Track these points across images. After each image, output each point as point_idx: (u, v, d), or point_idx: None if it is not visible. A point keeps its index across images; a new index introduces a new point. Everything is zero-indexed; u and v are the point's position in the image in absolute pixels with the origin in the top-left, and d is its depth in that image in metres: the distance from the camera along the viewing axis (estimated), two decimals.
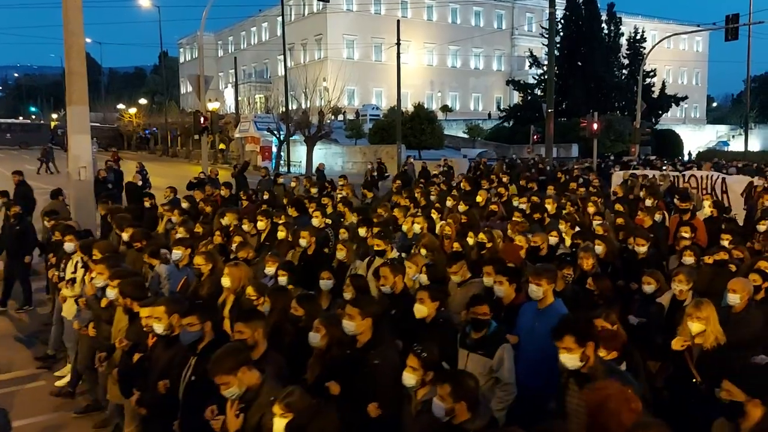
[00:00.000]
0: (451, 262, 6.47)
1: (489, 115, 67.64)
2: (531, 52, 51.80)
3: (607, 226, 8.78)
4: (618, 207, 10.63)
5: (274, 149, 41.83)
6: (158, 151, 63.50)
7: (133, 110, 69.26)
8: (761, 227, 8.88)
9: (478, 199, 11.75)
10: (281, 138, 40.10)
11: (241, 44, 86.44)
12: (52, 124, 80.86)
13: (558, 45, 46.30)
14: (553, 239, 8.20)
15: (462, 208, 10.57)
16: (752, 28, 37.30)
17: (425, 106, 46.64)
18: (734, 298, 5.48)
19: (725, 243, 7.81)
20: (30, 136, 66.93)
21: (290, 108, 40.78)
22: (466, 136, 52.64)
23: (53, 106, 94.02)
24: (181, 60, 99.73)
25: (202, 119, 22.40)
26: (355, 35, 69.50)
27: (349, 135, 45.65)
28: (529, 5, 78.60)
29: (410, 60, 66.89)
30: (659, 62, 57.34)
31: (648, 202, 10.81)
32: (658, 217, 9.91)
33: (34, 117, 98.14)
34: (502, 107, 62.65)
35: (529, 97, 50.78)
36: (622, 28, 53.23)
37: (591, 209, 10.26)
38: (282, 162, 41.13)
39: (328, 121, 40.28)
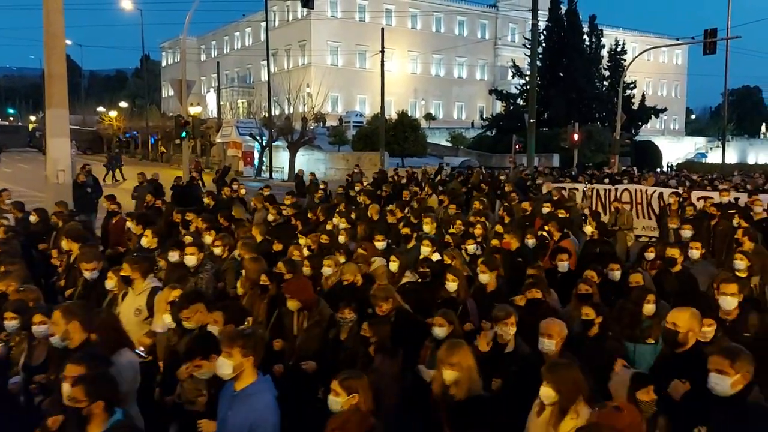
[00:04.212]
0: (181, 303, 5.00)
1: (472, 123, 67.99)
2: (514, 63, 52.22)
3: (456, 252, 7.38)
4: (498, 228, 8.99)
5: (256, 155, 41.68)
6: (138, 155, 62.90)
7: (113, 113, 68.56)
8: (648, 254, 7.67)
9: (370, 212, 10.56)
10: (263, 143, 39.97)
11: (224, 49, 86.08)
12: (31, 126, 79.82)
13: (540, 56, 46.71)
14: (393, 265, 6.95)
15: (343, 225, 9.47)
16: (729, 42, 37.98)
17: (409, 113, 46.78)
18: (549, 345, 4.52)
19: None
20: (7, 137, 66.16)
21: (273, 113, 40.66)
22: (449, 144, 52.87)
23: (32, 108, 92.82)
24: (163, 64, 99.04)
25: (183, 122, 22.27)
26: (339, 42, 69.59)
27: (332, 141, 45.62)
28: (512, 16, 79.35)
29: (394, 68, 67.07)
30: (639, 74, 58.14)
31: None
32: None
33: (12, 119, 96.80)
34: (484, 116, 63.00)
35: (512, 107, 51.11)
36: (603, 40, 53.87)
37: (478, 231, 8.88)
38: (264, 168, 40.99)
39: (311, 128, 40.22)
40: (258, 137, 39.72)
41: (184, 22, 23.88)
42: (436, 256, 7.37)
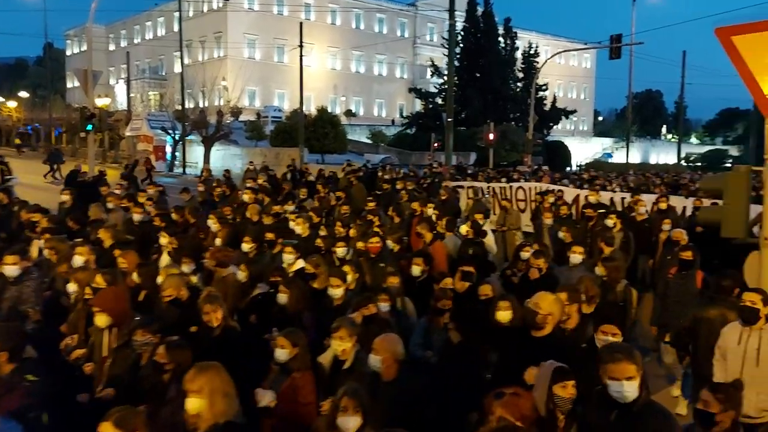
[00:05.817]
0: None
1: (393, 121, 68.38)
2: (432, 62, 52.90)
3: (321, 259, 6.86)
4: (376, 230, 8.47)
5: (169, 149, 40.13)
6: (41, 148, 59.18)
7: (13, 104, 64.16)
8: (524, 254, 7.56)
9: (249, 213, 9.96)
10: (176, 137, 38.53)
11: (135, 38, 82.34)
12: None
13: (458, 56, 47.56)
14: (240, 274, 6.40)
15: (215, 227, 8.81)
16: (633, 48, 40.01)
17: (329, 109, 46.39)
18: (375, 361, 4.24)
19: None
20: None
21: (187, 107, 39.26)
22: (369, 141, 52.90)
23: None
24: (68, 52, 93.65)
25: (89, 114, 21.04)
26: (257, 35, 68.08)
27: (250, 136, 44.60)
28: (430, 15, 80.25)
29: (313, 63, 66.43)
30: (551, 76, 60.30)
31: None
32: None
33: None
34: (405, 114, 63.48)
35: (431, 106, 51.81)
36: (518, 43, 55.51)
37: (352, 232, 8.39)
38: (177, 163, 39.53)
39: (227, 122, 39.16)
40: (170, 131, 38.25)
41: (90, 9, 22.55)
42: (299, 264, 6.89)
